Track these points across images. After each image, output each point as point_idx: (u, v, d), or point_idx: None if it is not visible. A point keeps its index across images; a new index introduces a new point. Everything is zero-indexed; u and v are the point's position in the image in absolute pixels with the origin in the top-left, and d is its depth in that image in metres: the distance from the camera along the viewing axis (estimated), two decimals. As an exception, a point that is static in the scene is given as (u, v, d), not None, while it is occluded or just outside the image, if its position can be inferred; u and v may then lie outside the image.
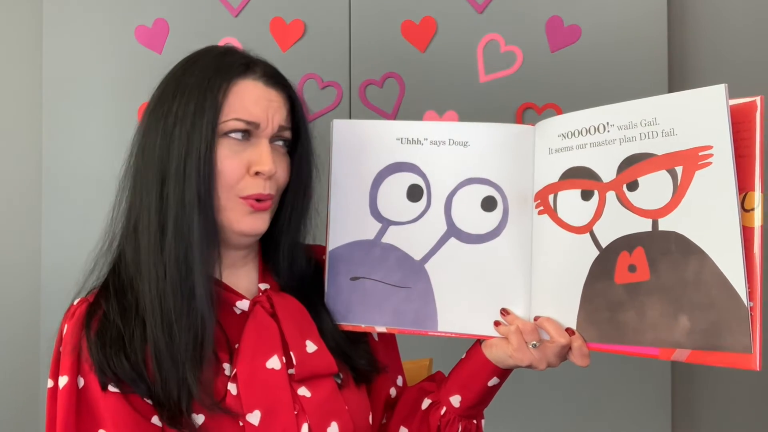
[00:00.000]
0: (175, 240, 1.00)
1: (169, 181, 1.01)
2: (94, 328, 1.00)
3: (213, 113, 1.01)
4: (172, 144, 1.01)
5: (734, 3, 2.06)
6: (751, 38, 2.05)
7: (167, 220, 1.01)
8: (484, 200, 1.11)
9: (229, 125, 1.02)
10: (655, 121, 0.99)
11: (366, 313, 1.14)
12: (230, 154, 1.03)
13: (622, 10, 1.96)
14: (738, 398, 2.05)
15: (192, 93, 1.02)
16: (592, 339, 1.04)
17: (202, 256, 1.01)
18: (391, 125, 1.16)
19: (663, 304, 0.98)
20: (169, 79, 1.07)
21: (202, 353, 1.00)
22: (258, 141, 1.05)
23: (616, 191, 1.02)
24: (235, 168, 1.03)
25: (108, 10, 2.02)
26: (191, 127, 1.01)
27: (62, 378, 1.00)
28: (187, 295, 1.00)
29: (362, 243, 1.15)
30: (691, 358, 0.96)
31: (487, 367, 1.12)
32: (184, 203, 1.00)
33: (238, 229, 1.05)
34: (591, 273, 1.04)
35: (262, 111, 1.04)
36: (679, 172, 0.97)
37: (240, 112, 1.03)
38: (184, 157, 1.00)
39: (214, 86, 1.02)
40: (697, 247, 0.95)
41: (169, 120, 1.02)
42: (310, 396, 1.05)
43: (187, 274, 1.00)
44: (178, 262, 1.00)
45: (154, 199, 1.01)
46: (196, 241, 1.00)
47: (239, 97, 1.03)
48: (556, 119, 1.09)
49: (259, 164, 1.03)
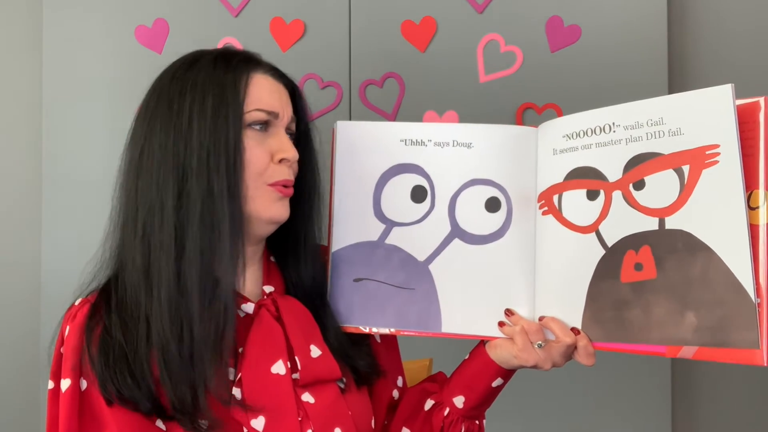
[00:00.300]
0: (201, 233, 0.99)
1: (190, 176, 1.00)
2: (95, 342, 0.99)
3: (236, 104, 1.02)
4: (190, 139, 1.00)
5: (734, 3, 2.06)
6: (751, 38, 2.05)
7: (189, 216, 0.99)
8: (488, 201, 1.11)
9: (252, 116, 1.03)
10: (662, 121, 0.99)
11: (369, 315, 1.14)
12: (255, 143, 1.03)
13: (622, 11, 1.96)
14: (738, 399, 2.05)
15: (206, 88, 1.02)
16: (597, 338, 1.04)
17: (232, 246, 1.00)
18: (394, 127, 1.15)
19: (670, 301, 0.97)
20: (169, 80, 1.05)
21: (222, 345, 0.99)
22: (276, 131, 1.06)
23: (622, 190, 1.02)
24: (261, 156, 1.03)
25: (108, 10, 2.02)
26: (213, 120, 1.00)
27: (64, 381, 0.99)
28: (210, 288, 0.99)
29: (366, 244, 1.14)
30: (698, 354, 0.96)
31: (491, 368, 1.11)
32: (212, 195, 0.99)
33: (268, 216, 1.05)
34: (596, 272, 1.04)
35: (277, 101, 1.06)
36: (686, 171, 0.97)
37: (260, 103, 1.04)
38: (207, 151, 0.99)
39: (233, 79, 1.03)
40: (704, 244, 0.95)
41: (183, 117, 1.01)
42: (313, 402, 1.05)
43: (211, 267, 0.99)
44: (203, 255, 0.99)
45: (170, 198, 0.99)
46: (226, 232, 0.99)
47: (257, 88, 1.05)
48: (560, 120, 1.09)
49: (282, 152, 1.05)
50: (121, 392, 0.96)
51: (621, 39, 1.96)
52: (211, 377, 0.97)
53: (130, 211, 1.03)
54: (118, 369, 0.96)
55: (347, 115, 1.99)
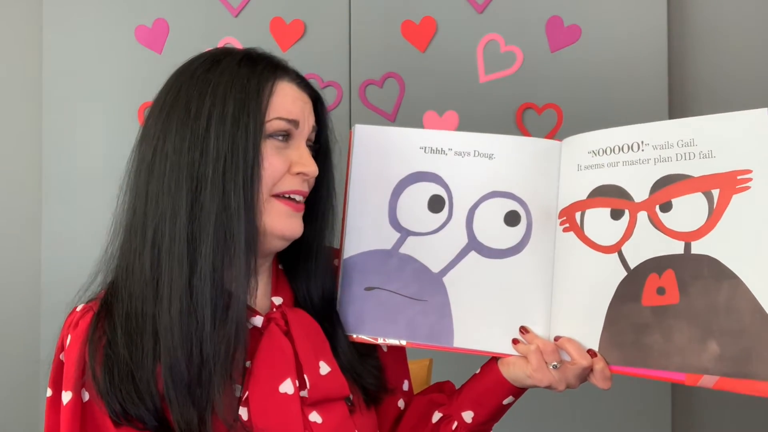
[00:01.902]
0: (214, 249, 0.94)
1: (204, 186, 0.95)
2: (98, 359, 0.94)
3: (258, 113, 0.97)
4: (207, 146, 0.95)
5: (734, 3, 2.06)
6: (751, 37, 2.05)
7: (201, 229, 0.94)
8: (508, 215, 1.08)
9: (273, 125, 0.99)
10: (693, 142, 0.97)
11: (379, 325, 1.11)
12: (274, 152, 0.99)
13: (622, 10, 1.96)
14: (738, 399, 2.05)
15: (228, 93, 0.97)
16: (615, 362, 1.02)
17: (247, 264, 0.96)
18: (414, 133, 1.11)
19: (692, 328, 0.95)
20: (188, 79, 1.00)
21: (231, 366, 0.95)
22: (296, 143, 1.02)
23: (648, 212, 1.00)
24: (278, 167, 0.99)
25: (108, 10, 2.03)
26: (233, 127, 0.96)
27: (65, 393, 0.95)
28: (222, 306, 0.95)
29: (379, 252, 1.11)
30: (719, 384, 0.94)
31: (504, 386, 1.09)
32: (228, 210, 0.94)
33: (280, 232, 1.01)
34: (617, 294, 1.01)
35: (299, 110, 1.02)
36: (716, 195, 0.95)
37: (281, 111, 1.00)
38: (224, 161, 0.95)
39: (257, 87, 0.98)
40: (731, 272, 0.93)
41: (201, 122, 0.96)
42: (321, 422, 1.02)
43: (224, 285, 0.95)
44: (216, 272, 0.94)
45: (183, 207, 0.95)
46: (242, 249, 0.95)
47: (281, 97, 1.00)
48: (586, 136, 1.06)
49: (301, 165, 1.01)
50: (126, 411, 0.93)
51: (621, 39, 1.95)
52: (219, 400, 0.94)
53: (138, 215, 0.98)
54: (123, 388, 0.93)
55: (347, 115, 1.98)
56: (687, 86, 2.04)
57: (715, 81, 2.04)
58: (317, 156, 1.08)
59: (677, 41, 2.04)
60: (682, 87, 2.03)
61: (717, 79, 2.04)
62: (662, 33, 1.95)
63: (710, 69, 2.05)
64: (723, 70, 2.05)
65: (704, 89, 2.04)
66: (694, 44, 2.06)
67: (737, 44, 2.05)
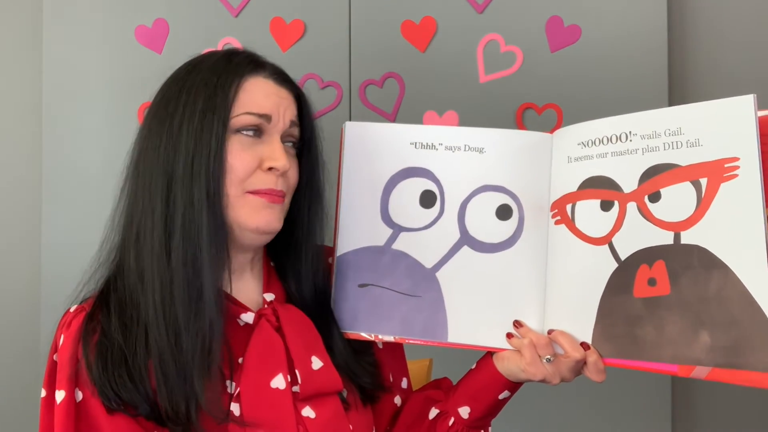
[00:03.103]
0: (183, 242, 0.96)
1: (176, 182, 0.97)
2: (92, 348, 0.96)
3: (223, 109, 0.98)
4: (179, 143, 0.98)
5: (734, 4, 2.05)
6: (751, 36, 2.04)
7: (174, 224, 0.97)
8: (499, 208, 1.08)
9: (241, 120, 0.99)
10: (680, 131, 0.97)
11: (373, 322, 1.11)
12: (242, 148, 1.00)
13: (622, 10, 1.96)
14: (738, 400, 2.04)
15: (199, 91, 0.99)
16: (608, 354, 1.01)
17: (211, 257, 0.97)
18: (405, 129, 1.12)
19: (683, 319, 0.95)
20: (171, 81, 1.03)
21: (210, 360, 0.96)
22: (270, 138, 1.02)
23: (637, 202, 0.99)
24: (246, 162, 0.99)
25: (108, 10, 2.03)
26: (200, 124, 0.97)
27: (59, 393, 0.96)
28: (195, 299, 0.96)
29: (372, 249, 1.11)
30: (712, 375, 0.93)
31: (499, 381, 1.09)
32: (192, 203, 0.96)
33: (253, 226, 1.01)
34: (608, 286, 1.01)
35: (273, 105, 1.02)
36: (704, 184, 0.94)
37: (251, 106, 1.00)
38: (192, 156, 0.97)
39: (224, 83, 0.99)
40: (721, 261, 0.93)
41: (175, 120, 0.98)
42: (314, 417, 1.02)
43: (194, 277, 0.96)
44: (186, 266, 0.96)
45: (159, 203, 0.97)
46: (204, 242, 0.96)
47: (250, 93, 1.01)
48: (576, 127, 1.06)
49: (272, 160, 1.01)
50: (120, 396, 0.94)
51: (621, 39, 1.95)
52: (201, 392, 0.95)
53: (127, 213, 1.02)
54: (116, 372, 0.94)
55: (347, 115, 1.98)
56: (687, 86, 2.03)
57: (715, 81, 2.03)
58: (300, 154, 1.08)
59: (677, 41, 2.03)
60: (682, 87, 2.03)
61: (717, 78, 2.04)
62: (662, 33, 1.95)
63: (710, 69, 2.05)
64: (723, 70, 2.04)
65: (704, 89, 2.03)
66: (694, 44, 2.05)
67: (737, 46, 2.04)
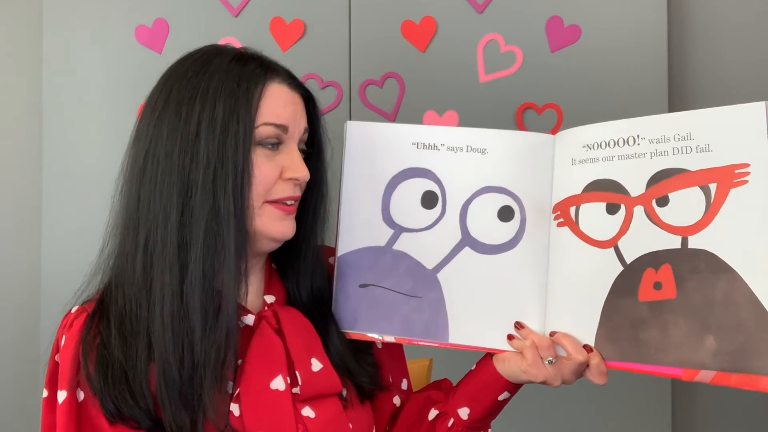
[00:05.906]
0: (204, 255, 0.94)
1: (195, 192, 0.94)
2: (92, 359, 0.94)
3: (247, 119, 0.96)
4: (197, 152, 0.95)
5: (734, 2, 2.05)
6: (751, 36, 2.04)
7: (191, 234, 0.94)
8: (501, 210, 1.07)
9: (261, 132, 0.98)
10: (690, 136, 0.96)
11: (374, 322, 1.10)
12: (265, 160, 0.98)
13: (622, 10, 1.95)
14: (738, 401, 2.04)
15: (218, 97, 0.96)
16: (611, 357, 1.00)
17: (236, 269, 0.95)
18: (407, 129, 1.10)
19: (689, 323, 0.94)
20: (175, 81, 0.99)
21: (222, 371, 0.95)
22: (287, 147, 1.01)
23: (644, 206, 0.98)
24: (270, 173, 0.99)
25: (108, 10, 2.02)
26: (223, 133, 0.95)
27: (61, 393, 0.95)
28: (213, 311, 0.95)
29: (373, 249, 1.10)
30: (716, 379, 0.93)
31: (499, 382, 1.08)
32: (218, 215, 0.94)
33: (271, 235, 1.00)
34: (613, 289, 1.00)
35: (290, 115, 1.01)
36: (713, 189, 0.94)
37: (270, 116, 0.99)
38: (214, 166, 0.94)
39: (249, 90, 0.97)
40: (729, 266, 0.92)
41: (191, 126, 0.95)
42: (314, 417, 1.01)
43: (215, 289, 0.95)
44: (206, 277, 0.94)
45: (174, 212, 0.94)
46: (231, 255, 0.95)
47: (271, 100, 0.99)
48: (580, 129, 1.05)
49: (293, 171, 1.00)
50: (121, 410, 0.93)
51: (621, 39, 1.95)
52: (211, 405, 0.93)
53: (131, 219, 0.98)
54: (117, 388, 0.93)
55: (347, 116, 1.97)
56: (687, 86, 2.03)
57: (716, 81, 2.03)
58: (309, 158, 1.07)
59: (677, 41, 2.03)
60: (681, 87, 2.02)
61: (717, 78, 2.03)
62: (662, 33, 1.94)
63: (710, 69, 2.04)
64: (723, 70, 2.04)
65: (704, 89, 2.03)
66: (694, 44, 2.05)
67: (737, 46, 2.04)
